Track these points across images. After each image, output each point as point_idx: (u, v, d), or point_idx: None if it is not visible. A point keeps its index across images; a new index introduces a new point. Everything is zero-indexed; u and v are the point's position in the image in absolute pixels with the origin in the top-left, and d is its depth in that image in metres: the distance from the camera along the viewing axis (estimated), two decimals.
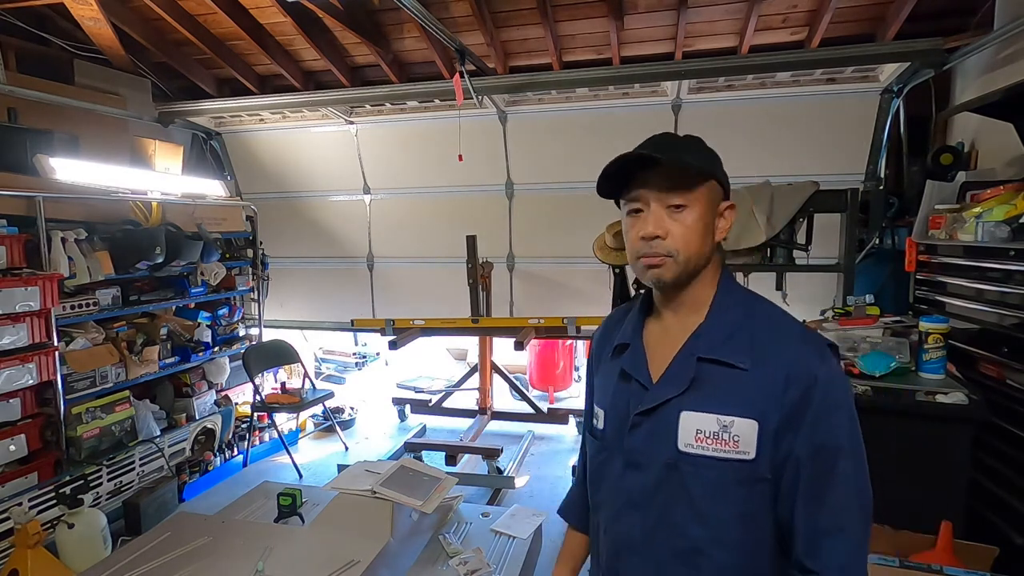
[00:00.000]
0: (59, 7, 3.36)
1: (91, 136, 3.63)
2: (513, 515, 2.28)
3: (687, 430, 0.91)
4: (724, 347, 0.92)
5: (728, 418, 0.89)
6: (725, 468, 0.89)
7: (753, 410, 0.88)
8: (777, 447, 0.88)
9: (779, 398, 0.87)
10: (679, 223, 0.91)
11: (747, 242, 2.92)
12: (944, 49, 3.02)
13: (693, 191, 0.91)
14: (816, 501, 0.86)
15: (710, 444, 0.90)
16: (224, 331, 4.28)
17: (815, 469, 0.87)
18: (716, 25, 3.45)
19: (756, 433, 0.88)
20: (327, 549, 1.75)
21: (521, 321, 3.93)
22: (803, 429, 0.87)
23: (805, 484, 0.87)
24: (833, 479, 0.86)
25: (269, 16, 3.65)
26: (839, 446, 0.86)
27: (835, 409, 0.87)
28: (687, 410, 0.92)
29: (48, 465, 2.96)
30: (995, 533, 1.98)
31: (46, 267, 2.94)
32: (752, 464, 0.88)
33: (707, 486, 0.91)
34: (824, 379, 0.87)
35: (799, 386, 0.87)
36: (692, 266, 0.93)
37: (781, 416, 0.87)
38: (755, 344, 0.91)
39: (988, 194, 2.38)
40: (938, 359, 2.16)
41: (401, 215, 4.85)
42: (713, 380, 0.91)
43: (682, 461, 0.92)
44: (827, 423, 0.87)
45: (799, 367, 0.88)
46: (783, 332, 0.92)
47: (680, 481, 0.92)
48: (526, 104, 4.18)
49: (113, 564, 1.74)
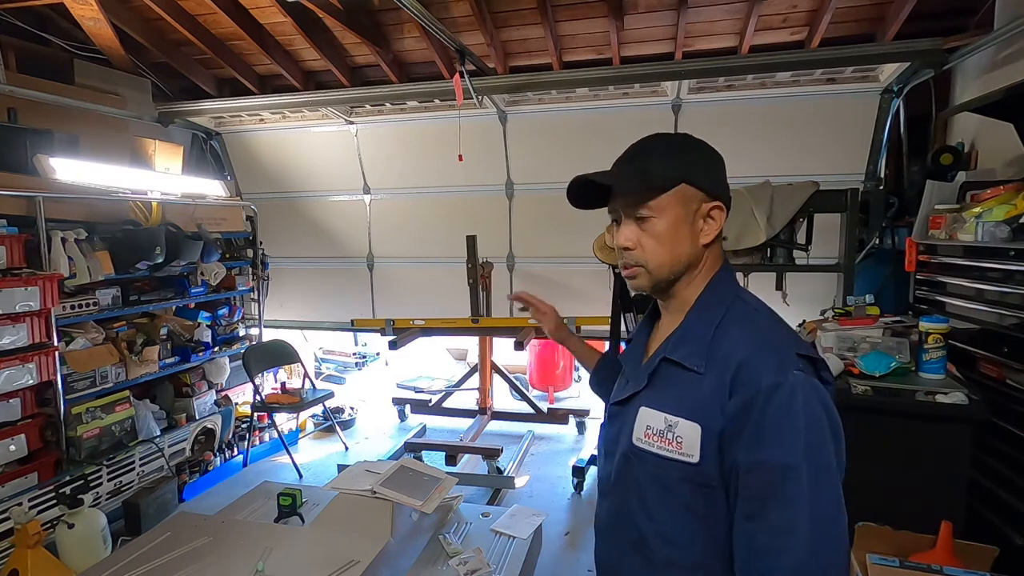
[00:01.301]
0: (59, 7, 3.36)
1: (91, 136, 3.63)
2: (513, 515, 2.28)
3: (640, 425, 0.93)
4: (681, 348, 0.92)
5: (673, 418, 0.88)
6: (669, 467, 0.88)
7: (697, 414, 0.86)
8: (723, 455, 0.84)
9: (723, 404, 0.84)
10: (647, 234, 0.93)
11: (747, 242, 2.92)
12: (944, 49, 3.02)
13: (657, 201, 0.91)
14: (755, 519, 0.80)
15: (656, 441, 0.90)
16: (224, 331, 4.28)
17: (755, 485, 0.80)
18: (716, 25, 3.45)
19: (699, 437, 0.85)
20: (327, 549, 1.75)
21: (521, 321, 3.93)
22: (744, 439, 0.81)
23: (745, 499, 0.81)
24: (777, 498, 0.78)
25: (269, 16, 3.65)
26: (785, 464, 0.78)
27: (781, 423, 0.79)
28: (644, 406, 0.94)
29: (48, 465, 2.96)
30: (995, 533, 1.98)
31: (46, 267, 2.94)
32: (696, 468, 0.86)
33: (652, 481, 0.92)
34: (769, 389, 0.80)
35: (742, 394, 0.82)
36: (666, 274, 0.94)
37: (724, 424, 0.83)
38: (713, 347, 0.88)
39: (988, 194, 2.38)
40: (938, 359, 2.16)
41: (401, 215, 4.85)
42: (668, 380, 0.93)
43: (633, 454, 0.94)
44: (771, 438, 0.79)
45: (746, 374, 0.82)
46: (743, 337, 0.87)
47: (631, 473, 0.95)
48: (526, 104, 4.18)
49: (113, 564, 1.74)
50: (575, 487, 3.57)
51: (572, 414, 4.53)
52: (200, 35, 3.72)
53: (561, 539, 3.05)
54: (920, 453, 1.98)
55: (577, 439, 4.46)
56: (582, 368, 1.49)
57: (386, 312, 4.87)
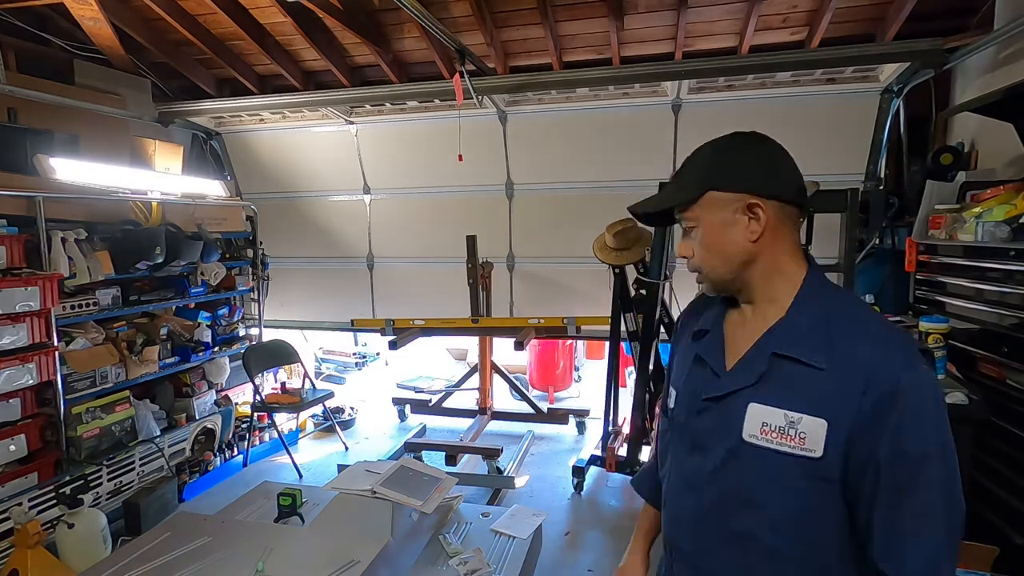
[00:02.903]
0: (59, 7, 3.36)
1: (91, 136, 3.62)
2: (513, 515, 2.28)
3: (753, 421, 0.92)
4: (800, 344, 0.91)
5: (796, 415, 0.88)
6: (788, 462, 0.89)
7: (824, 410, 0.87)
8: (853, 450, 0.86)
9: (856, 401, 0.85)
10: (696, 242, 0.99)
11: None
12: (944, 49, 3.02)
13: (691, 211, 0.98)
14: (896, 507, 0.84)
15: (775, 438, 0.90)
16: (224, 331, 4.28)
17: (897, 474, 0.84)
18: (716, 25, 3.45)
19: (824, 432, 0.87)
20: (327, 549, 1.75)
21: (521, 321, 3.93)
22: (884, 434, 0.84)
23: (885, 489, 0.85)
24: (916, 485, 0.84)
25: (269, 16, 3.65)
26: (925, 452, 0.83)
27: (920, 415, 0.84)
28: (755, 402, 0.92)
29: (48, 465, 2.96)
30: (995, 533, 1.98)
31: (46, 267, 2.94)
32: (819, 462, 0.87)
33: (767, 476, 0.92)
34: (908, 385, 0.84)
35: (879, 390, 0.84)
36: (722, 275, 0.98)
37: (857, 419, 0.85)
38: (833, 343, 0.89)
39: (988, 194, 2.38)
40: (938, 359, 2.16)
41: (401, 215, 4.85)
42: (785, 376, 0.91)
43: (744, 450, 0.93)
44: (912, 429, 0.84)
45: (881, 371, 0.85)
46: (865, 333, 0.90)
47: (739, 468, 0.94)
48: (526, 104, 4.18)
49: (113, 564, 1.73)
50: (575, 487, 3.57)
51: (572, 414, 4.53)
52: (200, 35, 3.72)
53: (561, 539, 3.05)
54: None
55: (577, 439, 4.46)
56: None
57: (386, 312, 4.87)
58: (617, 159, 4.17)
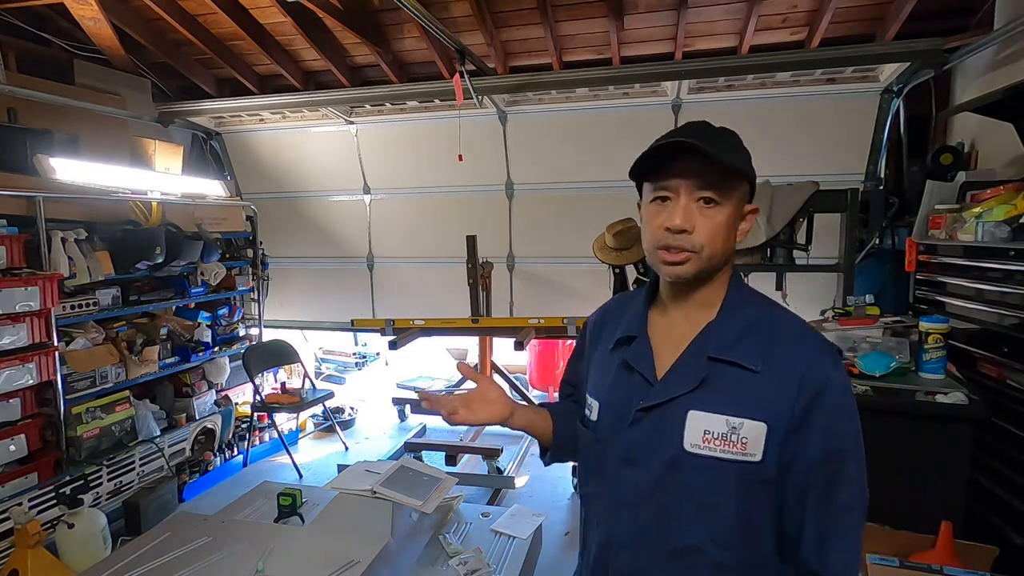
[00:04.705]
0: (59, 7, 3.36)
1: (91, 136, 3.62)
2: (513, 515, 2.28)
3: (694, 430, 0.89)
4: (736, 348, 0.90)
5: (738, 420, 0.87)
6: (730, 468, 0.88)
7: (764, 413, 0.87)
8: (784, 449, 0.88)
9: (792, 401, 0.87)
10: (708, 220, 0.89)
11: (747, 242, 2.92)
12: (944, 49, 3.02)
13: (728, 190, 0.90)
14: (825, 504, 0.87)
15: (718, 445, 0.88)
16: (224, 331, 4.28)
17: (826, 472, 0.87)
18: (716, 25, 3.45)
19: (764, 435, 0.87)
20: (327, 549, 1.75)
21: (521, 321, 3.92)
22: (815, 432, 0.87)
23: (816, 486, 0.87)
24: (842, 479, 0.87)
25: (269, 16, 3.65)
26: (847, 449, 0.88)
27: (845, 413, 0.89)
28: (695, 409, 0.90)
29: (48, 465, 2.96)
30: (995, 533, 1.98)
31: (46, 267, 2.94)
32: (758, 466, 0.88)
33: (710, 485, 0.89)
34: (836, 384, 0.88)
35: (812, 390, 0.87)
36: (713, 264, 0.92)
37: (792, 419, 0.87)
38: (767, 346, 0.90)
39: (988, 194, 2.38)
40: (938, 359, 2.16)
41: (401, 215, 4.85)
42: (723, 381, 0.90)
43: (686, 460, 0.90)
44: (838, 427, 0.88)
45: (812, 372, 0.88)
46: (797, 336, 0.92)
47: (681, 480, 0.91)
48: (526, 104, 4.18)
49: (113, 564, 1.73)
50: (575, 487, 3.57)
51: None
52: (200, 35, 3.72)
53: (561, 539, 3.05)
54: (920, 453, 1.98)
55: None
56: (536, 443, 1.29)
57: (386, 312, 4.87)
58: (617, 159, 4.14)
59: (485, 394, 1.10)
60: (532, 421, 1.16)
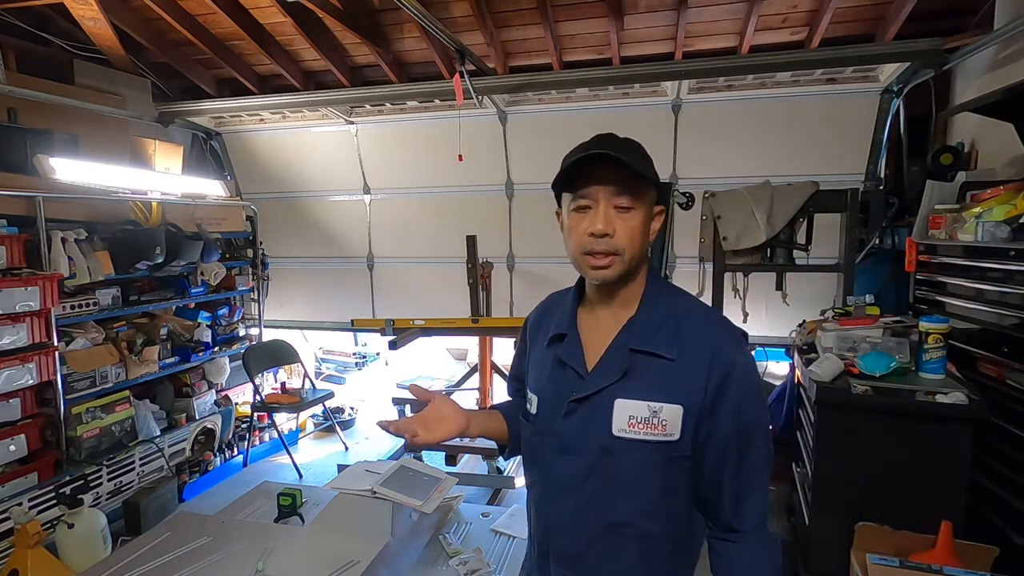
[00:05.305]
0: (59, 7, 3.36)
1: (91, 136, 3.62)
2: (513, 515, 2.27)
3: (621, 416, 0.98)
4: (654, 339, 1.00)
5: (657, 404, 0.97)
6: (653, 449, 0.98)
7: (679, 396, 0.97)
8: (700, 426, 0.98)
9: (703, 383, 0.97)
10: (626, 223, 0.98)
11: (747, 242, 2.92)
12: (944, 49, 3.02)
13: (641, 194, 0.99)
14: (740, 471, 0.99)
15: (641, 429, 0.98)
16: (224, 331, 4.28)
17: (741, 442, 0.99)
18: (716, 25, 3.45)
19: (681, 416, 0.97)
20: (327, 549, 1.75)
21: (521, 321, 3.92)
22: (726, 413, 0.98)
23: (731, 457, 0.99)
24: (752, 447, 0.99)
25: (269, 16, 3.65)
26: (755, 421, 1.00)
27: (751, 392, 1.01)
28: (621, 398, 0.99)
29: (48, 465, 2.96)
30: (995, 533, 1.97)
31: (46, 267, 2.94)
32: (676, 444, 0.98)
33: (636, 466, 0.99)
34: (742, 366, 0.99)
35: (720, 373, 0.97)
36: (634, 264, 1.01)
37: (704, 399, 0.97)
38: (680, 336, 1.00)
39: (988, 194, 2.37)
40: (938, 359, 2.16)
41: (401, 215, 4.84)
42: (644, 369, 0.99)
43: (616, 445, 0.99)
44: (746, 404, 0.99)
45: (721, 356, 0.98)
46: (705, 324, 1.03)
47: (613, 463, 1.00)
48: (526, 104, 4.17)
49: (113, 564, 1.73)
50: None
51: None
52: (200, 35, 3.72)
53: None
54: (920, 453, 1.98)
55: None
56: None
57: (386, 312, 4.87)
58: None
59: (439, 411, 1.12)
60: (487, 426, 1.22)
